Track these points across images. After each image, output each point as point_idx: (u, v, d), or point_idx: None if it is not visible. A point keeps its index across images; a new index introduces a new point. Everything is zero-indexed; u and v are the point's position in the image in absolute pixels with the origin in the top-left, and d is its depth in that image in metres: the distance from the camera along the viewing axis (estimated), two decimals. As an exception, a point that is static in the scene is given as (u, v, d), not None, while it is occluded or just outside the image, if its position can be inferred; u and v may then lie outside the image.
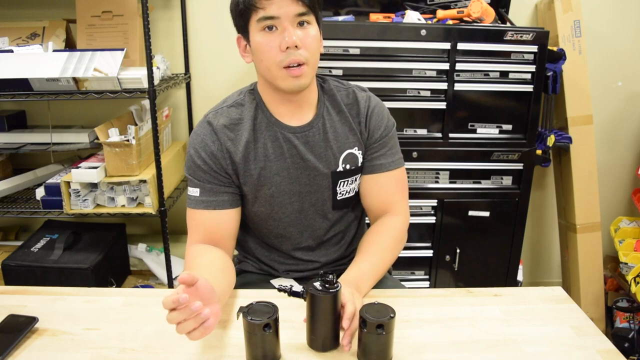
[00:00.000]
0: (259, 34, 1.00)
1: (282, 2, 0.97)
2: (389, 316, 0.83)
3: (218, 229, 1.10)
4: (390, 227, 1.15)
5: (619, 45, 2.16)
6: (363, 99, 1.15)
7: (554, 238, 2.38)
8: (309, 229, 1.18)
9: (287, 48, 0.98)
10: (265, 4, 0.97)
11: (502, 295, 1.08)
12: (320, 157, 1.12)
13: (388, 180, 1.16)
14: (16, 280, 1.79)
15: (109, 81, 1.68)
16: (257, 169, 1.10)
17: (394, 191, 1.17)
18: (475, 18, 1.79)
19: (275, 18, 0.97)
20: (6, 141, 1.95)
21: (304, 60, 1.00)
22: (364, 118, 1.14)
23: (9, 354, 0.87)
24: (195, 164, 1.08)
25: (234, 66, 2.13)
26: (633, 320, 2.00)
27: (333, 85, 1.16)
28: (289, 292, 0.91)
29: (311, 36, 1.01)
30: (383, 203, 1.17)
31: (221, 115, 1.10)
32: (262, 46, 1.00)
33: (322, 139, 1.11)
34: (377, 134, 1.15)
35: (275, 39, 0.99)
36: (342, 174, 1.14)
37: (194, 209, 1.09)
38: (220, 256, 1.06)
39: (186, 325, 0.78)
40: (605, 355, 0.89)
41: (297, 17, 0.98)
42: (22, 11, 2.04)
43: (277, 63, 1.00)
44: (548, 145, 1.94)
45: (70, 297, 1.06)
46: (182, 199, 2.04)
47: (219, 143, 1.08)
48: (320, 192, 1.14)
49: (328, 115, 1.13)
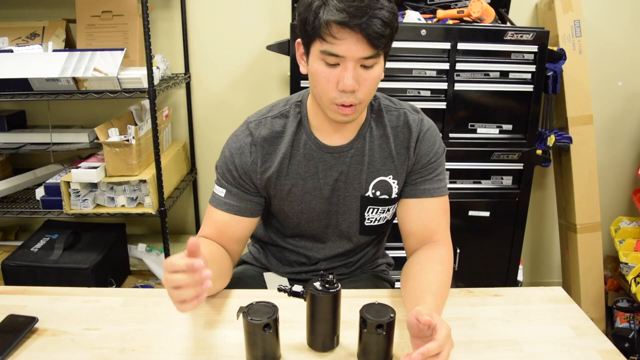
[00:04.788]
0: (319, 62, 0.92)
1: (354, 43, 0.88)
2: (389, 316, 0.82)
3: (231, 232, 1.09)
4: (446, 260, 1.05)
5: (619, 45, 2.16)
6: (415, 122, 1.08)
7: (554, 238, 2.38)
8: (331, 247, 1.17)
9: (342, 90, 0.92)
10: (334, 41, 0.88)
11: (502, 295, 1.08)
12: (351, 179, 1.08)
13: (433, 206, 1.09)
14: (16, 280, 1.79)
15: (108, 81, 1.68)
16: (289, 185, 1.08)
17: (439, 219, 1.09)
18: (476, 18, 1.79)
19: (340, 57, 0.90)
20: (6, 141, 1.95)
21: (357, 102, 0.94)
22: (414, 142, 1.07)
23: (8, 354, 0.87)
24: (227, 167, 1.07)
25: (234, 66, 2.13)
26: (633, 321, 2.00)
27: (384, 105, 1.09)
28: (289, 292, 0.90)
29: (372, 78, 0.93)
30: (427, 230, 1.08)
31: (264, 126, 1.07)
32: (319, 77, 0.93)
33: (358, 161, 1.07)
34: (426, 159, 1.08)
35: (334, 75, 0.92)
36: (371, 200, 1.10)
37: (215, 207, 1.09)
38: (222, 255, 1.06)
39: (186, 291, 0.77)
40: (605, 355, 0.89)
41: (365, 59, 0.90)
42: (22, 11, 2.04)
43: (331, 98, 0.94)
44: (548, 145, 1.94)
45: (70, 297, 1.05)
46: (182, 199, 2.04)
47: (256, 156, 1.06)
48: (347, 214, 1.11)
49: (370, 137, 1.07)
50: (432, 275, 0.98)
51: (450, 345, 0.79)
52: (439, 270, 1.00)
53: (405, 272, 1.04)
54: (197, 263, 0.75)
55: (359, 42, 0.88)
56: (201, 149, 2.24)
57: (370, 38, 0.87)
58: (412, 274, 1.00)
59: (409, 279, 1.00)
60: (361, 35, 0.87)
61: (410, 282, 0.98)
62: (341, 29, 0.87)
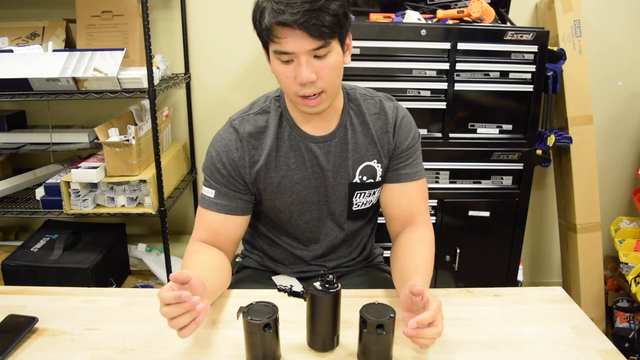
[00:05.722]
0: (276, 61, 0.98)
1: (297, 39, 0.92)
2: (389, 316, 0.83)
3: (224, 233, 1.10)
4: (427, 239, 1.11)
5: (619, 45, 2.16)
6: (390, 108, 1.14)
7: (554, 238, 2.38)
8: (325, 238, 1.19)
9: (300, 83, 0.97)
10: (281, 40, 0.93)
11: (502, 295, 1.08)
12: (338, 167, 1.11)
13: (414, 189, 1.15)
14: (16, 280, 1.79)
15: (108, 81, 1.68)
16: (278, 177, 1.10)
17: (419, 201, 1.15)
18: (476, 18, 1.79)
19: (290, 53, 0.94)
20: (6, 141, 1.95)
21: (321, 90, 0.98)
22: (392, 128, 1.13)
23: (9, 354, 0.87)
24: (215, 166, 1.09)
25: (234, 66, 2.13)
26: (633, 321, 2.00)
27: (360, 94, 1.14)
28: (289, 292, 0.91)
29: (329, 66, 0.97)
30: (408, 212, 1.15)
31: (247, 122, 1.09)
32: (279, 75, 0.99)
33: (342, 149, 1.11)
34: (405, 145, 1.14)
35: (292, 71, 0.96)
36: (358, 186, 1.13)
37: (206, 209, 1.10)
38: (218, 256, 1.07)
39: (181, 320, 0.79)
40: (605, 355, 0.89)
41: (312, 51, 0.94)
42: (22, 11, 2.04)
43: (294, 92, 0.99)
44: (548, 145, 1.94)
45: (70, 297, 1.06)
46: (182, 199, 2.04)
47: (243, 151, 1.08)
48: (337, 202, 1.14)
49: (351, 125, 1.12)
50: (418, 256, 1.05)
51: (442, 317, 0.86)
52: (422, 250, 1.07)
53: (393, 258, 1.11)
54: (184, 295, 0.77)
55: (302, 37, 0.92)
56: (201, 149, 2.24)
57: (310, 31, 0.91)
58: (399, 259, 1.08)
59: (397, 264, 1.07)
60: (301, 31, 0.91)
61: (399, 266, 1.06)
62: (281, 29, 0.92)
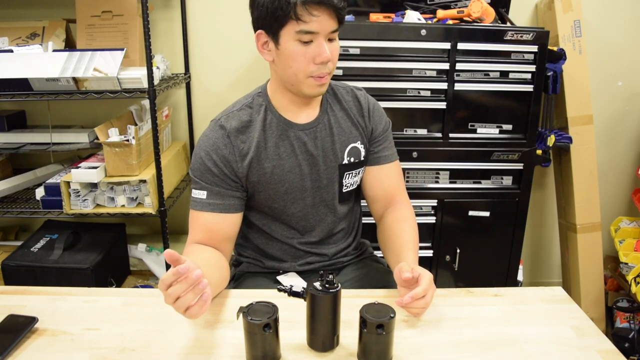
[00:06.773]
0: (294, 42, 1.02)
1: (326, 19, 1.00)
2: (389, 316, 0.83)
3: (220, 232, 1.11)
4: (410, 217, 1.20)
5: (619, 45, 2.16)
6: (362, 96, 1.23)
7: (554, 238, 2.38)
8: (320, 224, 1.21)
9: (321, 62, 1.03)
10: (309, 19, 0.99)
11: (502, 295, 1.08)
12: (327, 151, 1.17)
13: (392, 170, 1.24)
14: (16, 280, 1.79)
15: (108, 81, 1.68)
16: (270, 167, 1.12)
17: (397, 181, 1.25)
18: (476, 18, 1.79)
19: (314, 33, 1.00)
20: (6, 141, 1.95)
21: (329, 72, 1.06)
22: (367, 113, 1.21)
23: (8, 354, 0.87)
24: (205, 166, 1.10)
25: (234, 66, 2.13)
26: (633, 321, 2.00)
27: (332, 84, 1.21)
28: (289, 292, 0.91)
29: (337, 49, 1.06)
30: (389, 192, 1.24)
31: (232, 119, 1.12)
32: (296, 55, 1.03)
33: (328, 134, 1.17)
34: (380, 128, 1.23)
35: (311, 51, 1.02)
36: (347, 167, 1.19)
37: (199, 211, 1.10)
38: (215, 255, 1.08)
39: (186, 298, 0.79)
40: (605, 355, 0.89)
41: (331, 33, 1.03)
42: (22, 11, 2.04)
43: (308, 73, 1.04)
44: (548, 145, 1.94)
45: (70, 297, 1.06)
46: (182, 199, 2.04)
47: (232, 146, 1.10)
48: (330, 186, 1.19)
49: (332, 111, 1.19)
50: (404, 234, 1.15)
51: (433, 290, 0.98)
52: (407, 229, 1.16)
53: (382, 238, 1.21)
54: (182, 268, 0.77)
55: (330, 18, 1.00)
56: (201, 149, 2.23)
57: (338, 12, 1.01)
58: (387, 239, 1.18)
59: (388, 244, 1.17)
60: (331, 10, 0.99)
61: (390, 246, 1.16)
62: (317, 7, 0.98)
